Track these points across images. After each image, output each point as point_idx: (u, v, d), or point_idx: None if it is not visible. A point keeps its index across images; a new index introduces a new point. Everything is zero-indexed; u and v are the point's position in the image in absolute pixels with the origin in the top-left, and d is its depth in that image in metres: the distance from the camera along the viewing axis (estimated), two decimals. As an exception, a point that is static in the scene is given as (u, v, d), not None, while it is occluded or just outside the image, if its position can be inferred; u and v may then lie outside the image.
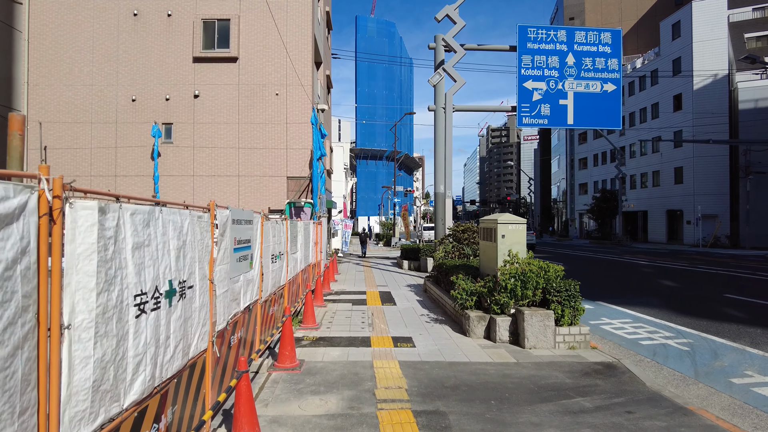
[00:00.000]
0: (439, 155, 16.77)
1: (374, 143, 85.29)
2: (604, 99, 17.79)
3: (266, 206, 17.12)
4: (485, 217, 8.77)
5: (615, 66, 17.77)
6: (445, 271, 10.22)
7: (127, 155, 17.42)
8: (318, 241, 12.82)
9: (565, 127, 17.74)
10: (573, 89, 17.55)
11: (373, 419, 4.28)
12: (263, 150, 17.40)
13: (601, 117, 17.84)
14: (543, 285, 7.29)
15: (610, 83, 17.80)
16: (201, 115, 17.48)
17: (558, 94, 17.49)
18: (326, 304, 10.15)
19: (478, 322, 7.51)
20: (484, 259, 8.73)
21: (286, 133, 17.33)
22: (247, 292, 4.97)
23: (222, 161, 17.42)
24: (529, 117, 17.36)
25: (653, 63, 44.95)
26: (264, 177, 17.37)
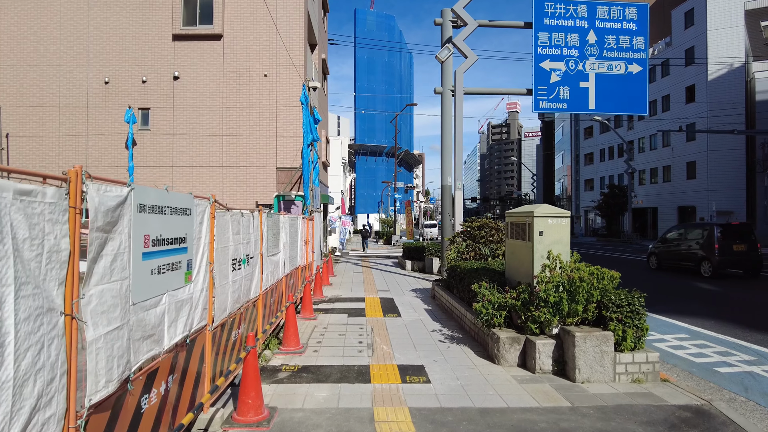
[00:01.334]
0: (446, 143, 15.02)
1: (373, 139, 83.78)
2: (629, 81, 16.07)
3: (253, 200, 15.37)
4: (514, 210, 7.02)
5: (641, 45, 16.02)
6: (460, 275, 8.48)
7: (100, 144, 15.65)
8: (310, 240, 11.09)
9: (586, 112, 16.01)
10: (594, 70, 15.84)
11: None
12: (250, 138, 15.64)
13: (626, 101, 16.13)
14: (597, 297, 5.55)
15: (636, 64, 16.08)
16: (181, 99, 15.70)
17: (578, 75, 15.78)
18: (317, 316, 8.41)
19: (511, 345, 5.76)
20: (512, 263, 6.98)
21: (276, 118, 15.56)
22: (179, 319, 3.22)
23: (204, 150, 15.66)
24: (547, 101, 15.63)
25: (664, 53, 43.17)
26: (251, 168, 15.61)
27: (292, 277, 8.63)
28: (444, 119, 15.08)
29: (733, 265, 14.68)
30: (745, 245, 14.56)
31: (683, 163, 40.67)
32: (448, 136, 15.07)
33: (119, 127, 15.47)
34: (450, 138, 15.12)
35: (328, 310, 9.00)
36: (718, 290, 12.32)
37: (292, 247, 8.54)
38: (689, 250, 15.63)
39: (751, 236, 14.75)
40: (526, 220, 6.40)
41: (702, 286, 13.14)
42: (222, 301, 4.24)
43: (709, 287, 12.83)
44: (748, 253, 14.49)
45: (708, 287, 12.84)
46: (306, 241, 10.43)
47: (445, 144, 15.09)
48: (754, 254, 14.47)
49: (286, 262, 7.87)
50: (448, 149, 15.13)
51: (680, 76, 40.78)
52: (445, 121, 15.07)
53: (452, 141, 15.17)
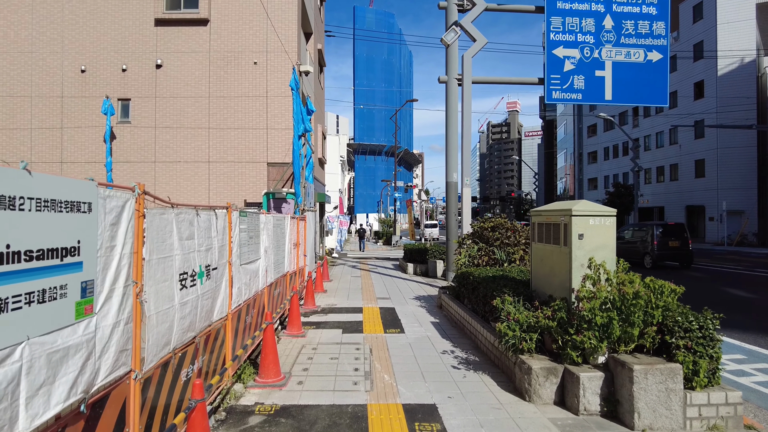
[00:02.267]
0: (452, 136, 13.83)
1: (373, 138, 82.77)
2: (648, 70, 14.91)
3: (242, 198, 14.17)
4: (544, 207, 5.82)
5: (661, 30, 14.86)
6: (473, 284, 7.28)
7: (76, 137, 14.43)
8: (301, 242, 9.89)
9: (602, 103, 14.83)
10: (611, 58, 14.69)
11: None
12: (238, 131, 14.43)
13: (644, 91, 14.99)
14: (659, 318, 4.35)
15: (656, 51, 14.92)
16: (164, 89, 14.48)
17: (594, 63, 14.63)
18: (306, 332, 7.20)
19: (546, 377, 4.56)
20: (540, 271, 5.77)
21: (267, 109, 14.34)
22: (60, 379, 2.01)
23: (189, 144, 14.45)
24: (560, 91, 14.47)
25: (671, 48, 41.96)
26: (239, 163, 14.40)
27: (278, 286, 7.43)
28: (449, 111, 13.90)
29: (670, 258, 17.47)
30: (679, 242, 17.28)
31: (691, 161, 39.50)
32: (453, 129, 13.89)
33: (97, 119, 14.25)
34: (456, 131, 13.94)
35: (320, 324, 7.79)
36: (754, 296, 11.16)
37: (278, 252, 7.34)
38: (635, 247, 18.12)
39: (684, 234, 17.46)
40: (560, 220, 5.20)
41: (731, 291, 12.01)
42: (161, 334, 3.04)
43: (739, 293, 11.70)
44: (682, 249, 17.19)
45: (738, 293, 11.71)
46: (296, 244, 9.23)
47: (450, 138, 13.90)
48: (686, 249, 17.21)
49: (270, 269, 6.67)
50: (454, 143, 13.95)
51: (688, 72, 39.62)
52: (450, 113, 13.88)
53: (458, 134, 13.99)
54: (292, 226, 8.82)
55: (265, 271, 6.34)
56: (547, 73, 14.27)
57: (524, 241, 8.39)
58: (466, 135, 12.09)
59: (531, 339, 4.85)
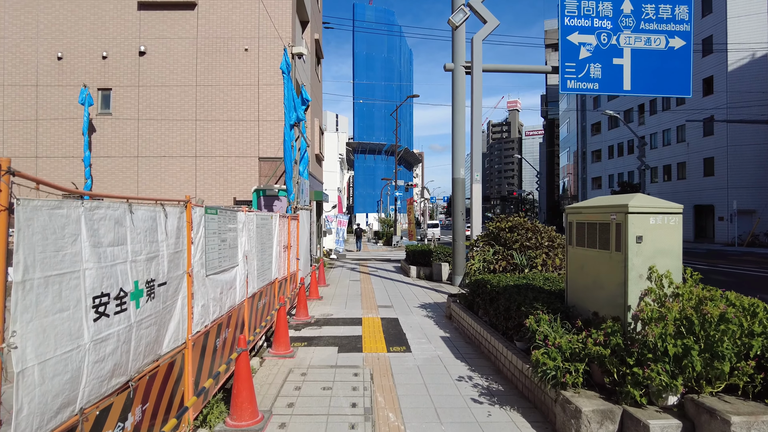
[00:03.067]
0: (458, 129, 12.79)
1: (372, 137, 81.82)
2: (670, 58, 13.87)
3: (231, 195, 13.11)
4: (586, 203, 4.75)
5: (684, 15, 13.81)
6: (491, 294, 6.23)
7: (53, 130, 13.36)
8: (293, 244, 8.84)
9: (621, 93, 13.79)
10: (630, 45, 13.66)
11: None
12: (228, 123, 13.35)
13: (666, 81, 13.93)
14: (757, 350, 3.30)
15: (678, 37, 13.89)
16: (148, 78, 13.41)
17: (611, 50, 13.59)
18: (295, 351, 6.15)
19: (600, 424, 3.51)
20: (580, 282, 4.71)
21: (258, 99, 13.27)
22: None
23: (175, 138, 13.38)
24: (575, 80, 13.43)
25: (679, 44, 40.88)
26: (229, 158, 13.33)
27: (264, 296, 6.37)
28: (456, 101, 12.85)
29: None
30: None
31: (700, 159, 38.46)
32: (460, 121, 12.84)
33: (75, 110, 13.19)
34: (463, 123, 12.90)
35: (313, 341, 6.73)
36: None
37: (263, 257, 6.28)
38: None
39: None
40: (610, 219, 4.14)
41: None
42: (52, 393, 1.98)
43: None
44: None
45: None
46: (287, 246, 8.17)
47: (456, 130, 12.86)
48: None
49: (252, 278, 5.61)
50: (461, 136, 12.91)
51: (697, 67, 38.54)
52: (457, 103, 12.84)
53: (465, 126, 12.95)
54: (282, 226, 7.76)
55: (245, 280, 5.28)
56: (562, 61, 13.22)
57: (547, 243, 7.33)
58: (476, 127, 11.04)
59: (577, 371, 3.79)
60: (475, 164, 10.73)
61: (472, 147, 11.00)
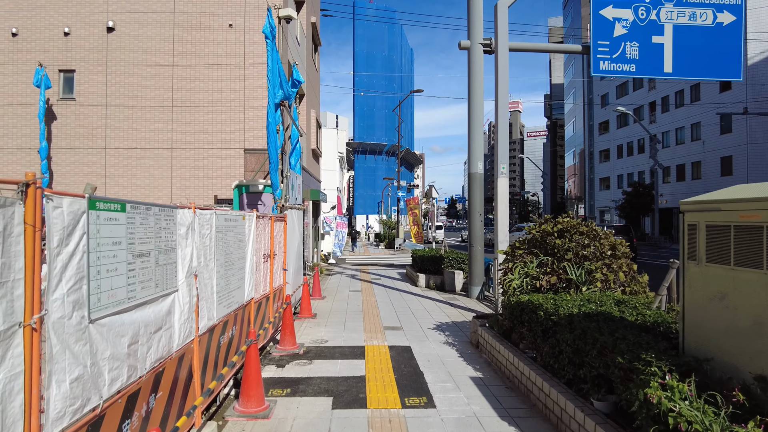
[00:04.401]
0: (476, 116, 11.04)
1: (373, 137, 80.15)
2: (718, 36, 12.16)
3: (212, 192, 11.34)
4: (729, 193, 2.95)
5: (734, -14, 12.11)
6: (546, 325, 4.45)
7: (7, 117, 11.60)
8: (280, 251, 7.06)
9: (661, 76, 12.03)
10: (672, 21, 11.97)
11: None
12: (209, 109, 11.58)
13: (713, 62, 12.22)
14: None
15: (727, 12, 12.22)
16: (117, 58, 11.65)
17: (650, 27, 11.90)
18: (271, 408, 4.34)
19: None
20: (719, 321, 2.89)
21: (244, 82, 11.51)
22: None
23: (148, 126, 11.61)
24: (609, 61, 11.71)
25: (693, 38, 39.16)
26: (210, 150, 11.56)
27: (228, 329, 4.58)
28: (472, 84, 11.10)
29: None
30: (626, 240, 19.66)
31: (717, 158, 36.71)
32: (477, 108, 11.09)
33: (33, 94, 11.42)
34: (480, 110, 11.14)
35: (299, 385, 4.94)
36: None
37: (230, 273, 4.50)
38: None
39: (630, 234, 20.01)
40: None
41: None
42: None
43: None
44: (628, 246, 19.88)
45: None
46: (270, 255, 6.39)
47: (473, 118, 11.10)
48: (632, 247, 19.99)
49: (209, 305, 3.84)
50: (478, 125, 11.15)
51: (713, 62, 36.81)
52: (474, 88, 11.09)
53: (483, 114, 11.19)
54: (263, 230, 5.98)
55: (191, 312, 3.50)
56: (593, 39, 11.50)
57: (610, 253, 5.56)
58: (501, 114, 9.25)
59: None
60: (501, 155, 8.96)
61: (497, 137, 9.22)
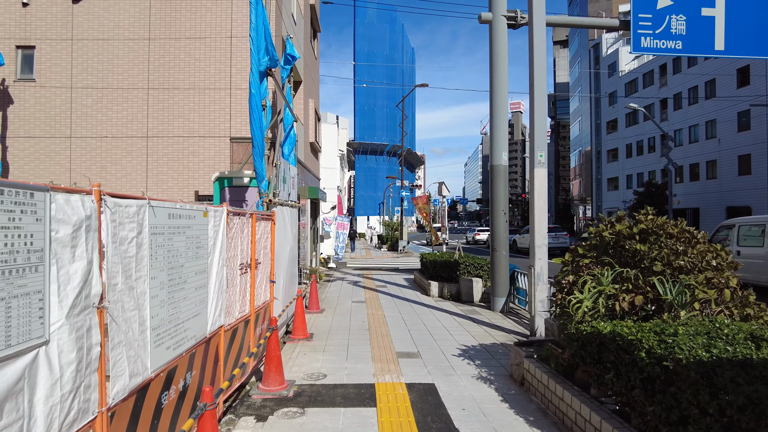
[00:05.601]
0: (499, 100, 9.50)
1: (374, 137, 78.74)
2: (776, 8, 10.62)
3: (193, 187, 9.78)
4: None
5: (795, -50, 10.59)
6: (651, 373, 2.89)
7: (-41, 102, 10.04)
8: (265, 259, 5.50)
9: (711, 54, 10.49)
10: (725, -9, 10.53)
11: None
12: (190, 91, 10.03)
13: (771, 38, 10.69)
14: None
15: (787, -19, 10.66)
16: (85, 31, 10.10)
17: (699, -2, 10.42)
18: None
19: None
20: None
21: (231, 59, 9.95)
22: None
23: (120, 112, 10.06)
24: (652, 37, 10.20)
25: (708, 32, 37.64)
26: (191, 138, 10.00)
27: (180, 378, 3.00)
28: (495, 63, 9.56)
29: None
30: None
31: (734, 156, 35.12)
32: (501, 89, 9.53)
33: (-12, 75, 9.88)
34: (503, 93, 9.59)
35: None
36: None
37: (181, 296, 2.93)
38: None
39: None
40: None
41: None
42: None
43: None
44: None
45: None
46: (249, 265, 4.83)
47: (496, 102, 9.55)
48: None
49: (139, 350, 2.27)
50: (502, 110, 9.59)
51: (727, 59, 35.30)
52: (497, 67, 9.54)
53: (507, 97, 9.63)
54: (239, 232, 4.42)
55: (83, 375, 1.93)
56: (634, 12, 10.00)
57: (715, 263, 3.99)
58: (538, 95, 7.65)
59: None
60: (538, 141, 7.39)
61: (533, 120, 7.64)
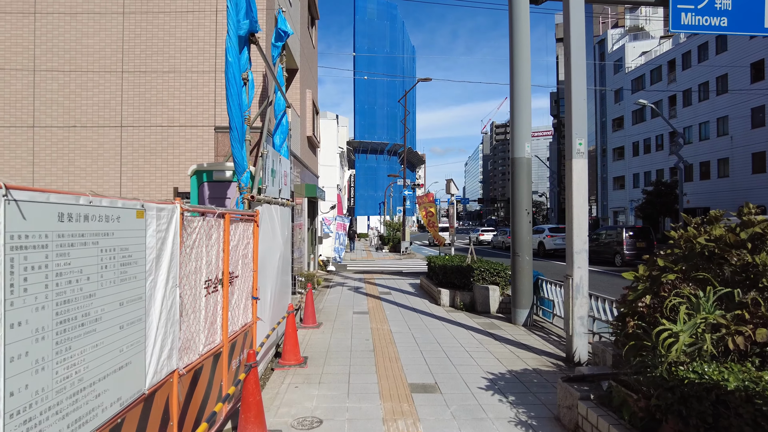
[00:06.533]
0: (520, 83, 8.31)
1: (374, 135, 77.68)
2: (831, -18, 9.47)
3: (171, 184, 8.58)
4: None
5: None
6: None
7: None
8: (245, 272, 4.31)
9: (759, 33, 9.31)
10: (776, -40, 9.39)
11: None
12: (171, 75, 8.83)
13: (828, 15, 9.54)
14: None
15: (844, -50, 9.51)
16: (49, 5, 8.89)
17: (746, -31, 9.27)
18: None
19: None
20: None
21: (216, 37, 8.74)
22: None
23: (91, 98, 8.86)
24: (693, 13, 9.11)
25: (720, 25, 36.44)
26: (171, 128, 8.80)
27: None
28: (516, 41, 8.38)
29: (638, 257, 17.66)
30: (645, 243, 18.59)
31: (747, 154, 33.96)
32: (523, 70, 8.34)
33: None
34: (526, 73, 8.40)
35: None
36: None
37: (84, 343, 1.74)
38: (608, 247, 19.80)
39: (650, 236, 19.14)
40: None
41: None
42: None
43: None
44: (648, 249, 17.56)
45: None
46: (221, 281, 3.63)
47: (518, 85, 8.36)
48: (651, 249, 17.44)
49: None
50: (524, 94, 8.39)
51: (743, 50, 34.15)
52: (519, 45, 8.36)
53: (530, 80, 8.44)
54: (204, 237, 3.22)
55: None
56: (673, -15, 8.82)
57: None
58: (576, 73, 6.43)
59: None
60: (577, 127, 6.19)
61: (570, 102, 6.41)
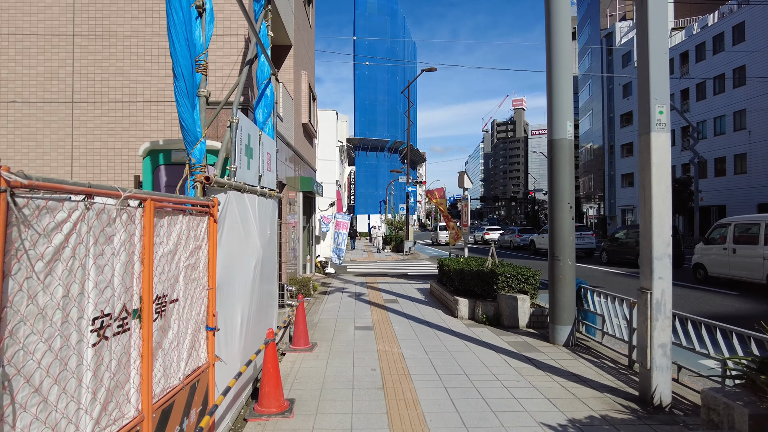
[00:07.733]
0: (558, 50, 6.84)
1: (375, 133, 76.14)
2: None
3: (132, 171, 7.03)
4: None
5: None
6: None
7: None
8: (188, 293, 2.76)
9: None
10: None
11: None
12: (133, 40, 7.26)
13: None
14: None
15: None
16: (-13, -41, 7.33)
17: None
18: None
19: None
20: None
21: (186, -7, 7.22)
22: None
23: (36, 68, 7.31)
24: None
25: (735, 16, 34.99)
26: (134, 104, 7.23)
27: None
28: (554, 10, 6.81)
29: None
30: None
31: (766, 149, 32.39)
32: (562, 38, 6.80)
33: None
34: (566, 41, 6.84)
35: None
36: None
37: None
38: (629, 247, 18.69)
39: (676, 236, 18.11)
40: None
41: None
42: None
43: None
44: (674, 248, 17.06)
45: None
46: (140, 314, 2.08)
47: (556, 57, 6.82)
48: (677, 250, 17.20)
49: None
50: (564, 66, 6.84)
51: (758, 42, 32.59)
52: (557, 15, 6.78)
53: (569, 49, 6.88)
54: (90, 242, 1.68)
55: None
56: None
57: None
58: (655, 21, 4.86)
59: None
60: (657, 91, 4.63)
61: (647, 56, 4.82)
